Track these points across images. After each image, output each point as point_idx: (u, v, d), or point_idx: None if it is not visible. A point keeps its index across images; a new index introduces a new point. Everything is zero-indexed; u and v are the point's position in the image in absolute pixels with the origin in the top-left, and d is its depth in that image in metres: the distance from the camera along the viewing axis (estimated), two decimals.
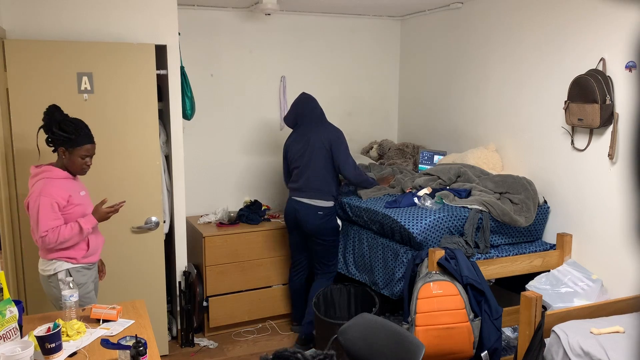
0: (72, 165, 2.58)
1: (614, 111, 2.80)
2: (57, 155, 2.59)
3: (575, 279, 2.89)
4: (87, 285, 2.65)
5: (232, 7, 4.18)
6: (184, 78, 3.62)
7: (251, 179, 4.50)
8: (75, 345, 2.06)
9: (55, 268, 2.56)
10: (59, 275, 2.56)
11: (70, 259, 2.58)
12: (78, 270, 2.61)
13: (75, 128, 2.55)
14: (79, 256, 2.60)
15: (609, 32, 2.84)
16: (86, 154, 2.59)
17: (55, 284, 2.56)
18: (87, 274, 2.66)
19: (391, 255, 3.20)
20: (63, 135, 2.52)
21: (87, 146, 2.58)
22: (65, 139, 2.52)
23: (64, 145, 2.54)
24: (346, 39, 4.66)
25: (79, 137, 2.55)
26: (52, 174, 2.54)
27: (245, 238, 3.96)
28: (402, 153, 4.39)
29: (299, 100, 3.77)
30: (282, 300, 4.14)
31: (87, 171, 2.64)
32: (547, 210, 3.27)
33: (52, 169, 2.56)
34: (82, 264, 2.63)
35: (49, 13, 3.16)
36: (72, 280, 2.32)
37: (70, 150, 2.55)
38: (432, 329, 2.69)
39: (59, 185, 2.53)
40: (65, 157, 2.56)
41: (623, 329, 2.37)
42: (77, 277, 2.59)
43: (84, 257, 2.62)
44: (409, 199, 3.23)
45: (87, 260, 2.64)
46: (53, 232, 2.48)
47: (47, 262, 2.57)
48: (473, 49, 3.92)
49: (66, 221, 2.54)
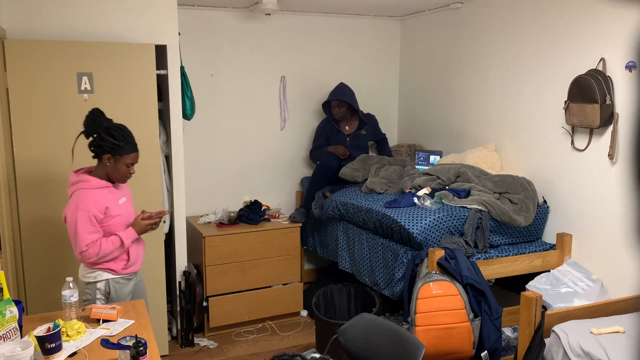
0: (116, 173, 2.50)
1: (614, 111, 2.80)
2: (99, 161, 2.49)
3: (575, 279, 2.89)
4: (125, 296, 2.59)
5: (232, 7, 4.18)
6: (184, 78, 3.62)
7: (251, 179, 4.50)
8: (75, 345, 2.06)
9: (95, 277, 2.51)
10: (97, 284, 2.51)
11: (111, 270, 2.53)
12: (117, 281, 2.55)
13: (123, 135, 2.46)
14: (119, 268, 2.54)
15: (609, 32, 2.84)
16: (132, 162, 2.50)
17: (91, 292, 2.52)
18: (126, 285, 2.60)
19: (391, 255, 3.20)
20: (113, 142, 2.43)
21: (133, 154, 2.49)
22: (114, 146, 2.43)
23: (111, 152, 2.44)
24: (346, 39, 4.67)
25: (127, 145, 2.47)
26: (90, 184, 2.45)
27: (245, 238, 3.96)
28: (396, 155, 4.40)
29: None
30: (282, 300, 4.14)
31: (128, 179, 2.56)
32: (546, 210, 3.27)
33: (89, 179, 2.46)
34: (122, 275, 2.57)
35: (49, 13, 3.16)
36: (72, 280, 2.32)
37: (116, 158, 2.45)
38: (432, 329, 2.69)
39: (96, 197, 2.44)
40: (110, 164, 2.47)
41: (623, 329, 2.37)
42: (116, 288, 2.54)
43: (124, 269, 2.56)
44: (408, 199, 3.23)
45: (127, 271, 2.58)
46: (94, 247, 2.41)
47: (89, 270, 2.52)
48: (473, 49, 3.92)
49: (105, 233, 2.47)
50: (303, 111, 4.58)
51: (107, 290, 2.53)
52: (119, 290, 2.56)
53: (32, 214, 3.10)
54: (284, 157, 4.59)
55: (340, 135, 4.20)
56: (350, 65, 4.71)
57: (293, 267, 4.15)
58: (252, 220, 4.09)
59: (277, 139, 4.55)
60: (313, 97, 4.58)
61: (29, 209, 3.09)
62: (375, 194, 3.54)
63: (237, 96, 4.37)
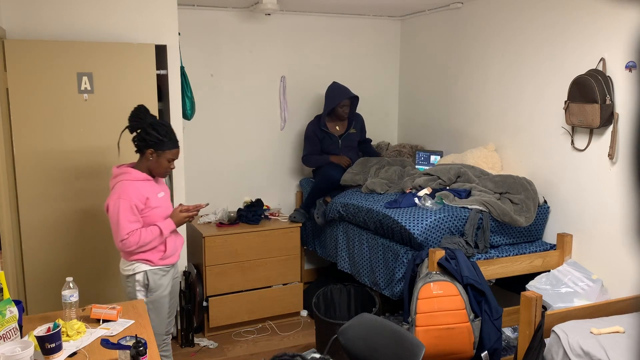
0: (158, 168, 2.60)
1: (614, 111, 2.80)
2: (142, 156, 2.60)
3: (576, 279, 2.89)
4: (163, 288, 2.65)
5: (232, 7, 4.18)
6: (184, 78, 3.62)
7: (251, 179, 4.50)
8: (75, 345, 2.06)
9: (134, 269, 2.59)
10: (136, 276, 2.59)
11: (148, 261, 2.60)
12: (155, 272, 2.62)
13: (167, 131, 2.57)
14: (156, 259, 2.61)
15: (609, 32, 2.84)
16: (173, 157, 2.61)
17: (132, 284, 2.60)
18: (164, 277, 2.66)
19: (391, 255, 3.20)
20: (157, 137, 2.53)
21: (175, 150, 2.61)
22: (158, 141, 2.54)
23: (154, 147, 2.54)
24: (346, 39, 4.66)
25: (170, 140, 2.57)
26: (131, 175, 2.55)
27: (245, 238, 3.96)
28: (399, 154, 4.39)
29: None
30: (282, 300, 4.14)
31: (168, 174, 2.65)
32: (547, 210, 3.27)
33: (131, 171, 2.56)
34: (160, 266, 2.64)
35: (49, 13, 3.16)
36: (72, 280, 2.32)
37: (159, 153, 2.56)
38: (432, 329, 2.68)
39: (137, 188, 2.53)
40: (152, 158, 2.57)
41: (623, 329, 2.37)
42: (154, 279, 2.61)
43: (161, 259, 2.63)
44: (409, 199, 3.23)
45: (164, 262, 2.64)
46: (134, 235, 2.49)
47: (128, 262, 2.60)
48: (473, 49, 3.92)
49: (144, 224, 2.55)
50: (303, 111, 4.58)
51: (145, 282, 2.60)
52: (157, 281, 2.63)
53: (32, 214, 3.10)
54: (284, 157, 4.59)
55: (332, 137, 4.16)
56: (350, 65, 4.71)
57: (293, 267, 4.15)
58: (252, 220, 4.09)
59: (277, 139, 4.54)
60: (313, 97, 4.58)
61: (29, 209, 3.09)
62: (375, 194, 3.54)
63: (237, 96, 4.37)
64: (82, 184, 3.19)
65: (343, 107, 4.10)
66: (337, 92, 4.10)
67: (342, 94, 4.07)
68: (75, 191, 3.19)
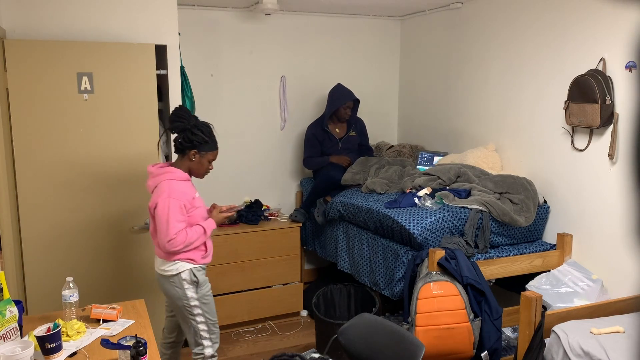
0: (199, 168, 2.64)
1: (614, 111, 2.80)
2: (183, 156, 2.63)
3: (576, 279, 2.89)
4: (207, 284, 2.72)
5: (232, 7, 4.18)
6: (184, 78, 3.62)
7: (251, 179, 4.50)
8: (75, 345, 2.06)
9: (177, 268, 2.61)
10: (182, 275, 2.61)
11: (191, 260, 2.63)
12: (198, 269, 2.67)
13: (209, 132, 2.61)
14: (199, 257, 2.66)
15: (609, 32, 2.84)
16: (213, 158, 2.67)
17: (178, 284, 2.62)
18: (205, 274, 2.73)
19: (391, 255, 3.20)
20: (203, 137, 2.56)
21: (216, 151, 2.67)
22: (202, 142, 2.57)
23: (198, 147, 2.58)
24: (346, 39, 4.66)
25: (212, 142, 2.62)
26: (175, 175, 2.58)
27: (245, 238, 3.97)
28: (399, 154, 4.39)
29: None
30: (282, 300, 4.14)
31: (206, 175, 2.71)
32: (547, 210, 3.27)
33: (175, 171, 2.59)
34: (201, 264, 2.69)
35: (49, 13, 3.16)
36: (72, 280, 2.32)
37: (201, 154, 2.60)
38: (432, 329, 2.68)
39: (184, 187, 2.57)
40: (194, 159, 2.61)
41: (623, 329, 2.37)
42: (200, 275, 2.66)
43: (203, 258, 2.69)
44: (409, 199, 3.23)
45: (204, 260, 2.70)
46: (181, 235, 2.52)
47: (169, 263, 2.62)
48: (473, 49, 3.92)
49: (188, 223, 2.59)
50: (303, 111, 4.58)
51: (192, 278, 2.63)
52: (201, 277, 2.68)
53: (32, 214, 3.10)
54: (284, 157, 4.59)
55: (332, 139, 4.17)
56: (350, 65, 4.71)
57: (293, 267, 4.15)
58: (252, 220, 4.09)
59: (277, 139, 4.54)
60: (313, 97, 4.58)
61: (29, 209, 3.09)
62: (375, 194, 3.54)
63: (237, 96, 4.37)
64: (82, 183, 3.19)
65: (346, 109, 4.13)
66: (341, 93, 4.12)
67: (347, 96, 4.11)
68: (76, 190, 3.18)
